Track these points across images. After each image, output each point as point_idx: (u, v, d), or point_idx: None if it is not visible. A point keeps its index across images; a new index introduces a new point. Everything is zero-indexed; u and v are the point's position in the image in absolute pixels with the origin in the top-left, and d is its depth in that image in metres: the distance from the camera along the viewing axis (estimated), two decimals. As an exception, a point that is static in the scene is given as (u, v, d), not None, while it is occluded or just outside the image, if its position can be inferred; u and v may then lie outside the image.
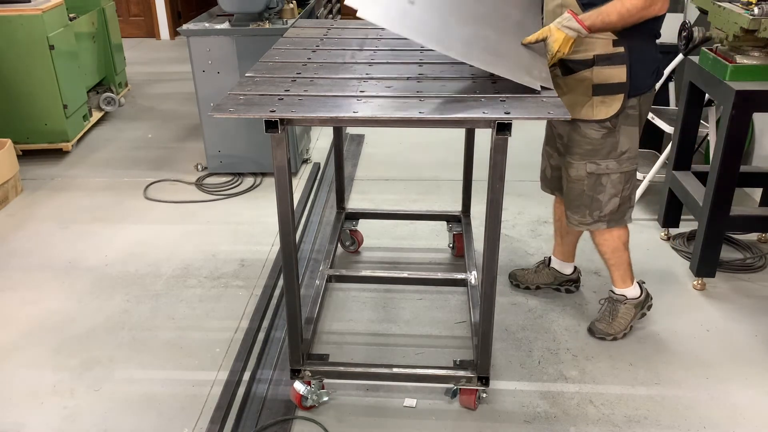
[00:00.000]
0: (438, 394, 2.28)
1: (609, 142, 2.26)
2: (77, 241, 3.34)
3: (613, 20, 2.03)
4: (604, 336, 2.55)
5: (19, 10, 3.95)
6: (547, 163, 2.63)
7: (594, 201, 2.36)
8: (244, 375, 2.39)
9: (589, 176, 2.33)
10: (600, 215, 2.38)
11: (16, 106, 4.15)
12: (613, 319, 2.56)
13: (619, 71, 2.15)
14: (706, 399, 2.28)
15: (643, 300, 2.59)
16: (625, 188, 2.35)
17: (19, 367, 2.47)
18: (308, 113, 1.75)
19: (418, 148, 4.48)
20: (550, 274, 2.86)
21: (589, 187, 2.35)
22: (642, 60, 2.17)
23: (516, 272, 2.93)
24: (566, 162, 2.39)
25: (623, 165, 2.31)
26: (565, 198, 2.47)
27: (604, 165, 2.30)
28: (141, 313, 2.77)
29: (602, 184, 2.33)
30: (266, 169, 4.03)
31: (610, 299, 2.59)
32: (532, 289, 2.87)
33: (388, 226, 3.42)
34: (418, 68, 2.13)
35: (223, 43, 3.63)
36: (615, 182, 2.32)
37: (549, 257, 2.88)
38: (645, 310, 2.60)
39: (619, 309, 2.56)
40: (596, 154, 2.29)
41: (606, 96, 2.19)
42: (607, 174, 2.31)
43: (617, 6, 2.02)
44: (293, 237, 1.96)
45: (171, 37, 8.07)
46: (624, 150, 2.28)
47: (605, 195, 2.34)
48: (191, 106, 5.21)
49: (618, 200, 2.35)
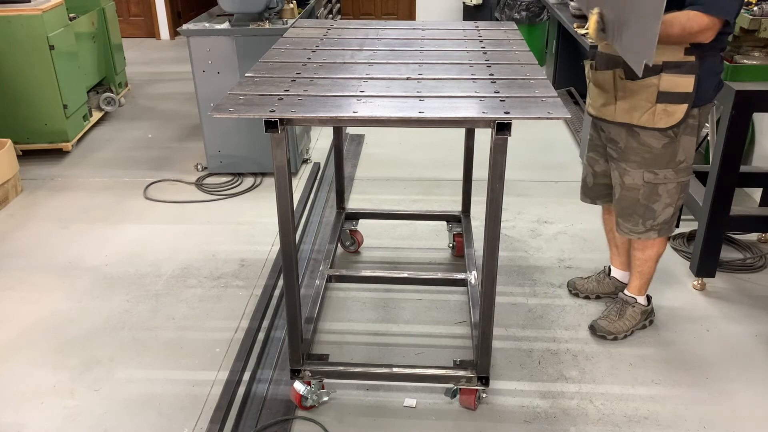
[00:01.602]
0: (438, 394, 2.28)
1: (669, 151, 2.21)
2: (77, 241, 3.35)
3: (675, 32, 1.97)
4: (605, 334, 2.54)
5: (19, 10, 3.95)
6: (590, 171, 2.56)
7: (648, 210, 2.31)
8: (244, 375, 2.39)
9: (645, 185, 2.28)
10: (653, 224, 2.34)
11: (16, 106, 4.15)
12: (619, 319, 2.55)
13: (687, 80, 2.08)
14: (706, 399, 2.28)
15: (649, 311, 2.61)
16: (680, 197, 2.31)
17: (19, 367, 2.47)
18: (308, 113, 1.75)
19: (418, 148, 4.49)
20: (611, 283, 2.80)
21: (645, 196, 2.30)
22: (710, 71, 2.12)
23: (575, 281, 2.87)
24: (621, 169, 2.32)
25: (680, 175, 2.26)
26: (615, 205, 2.41)
27: (662, 174, 2.25)
28: (141, 313, 2.77)
29: (658, 194, 2.28)
30: (266, 169, 4.03)
31: (620, 299, 2.59)
32: (592, 298, 2.82)
33: (388, 226, 3.42)
34: (418, 68, 2.13)
35: (223, 43, 3.63)
36: (671, 192, 2.28)
37: (608, 267, 2.83)
38: (647, 321, 2.61)
39: (627, 310, 2.56)
40: (655, 163, 2.23)
41: (669, 104, 2.12)
42: (665, 183, 2.26)
43: (682, 20, 1.96)
44: (293, 237, 1.97)
45: (171, 37, 8.08)
46: (682, 159, 2.23)
47: (660, 204, 2.30)
48: (191, 106, 5.22)
49: (672, 210, 2.32)
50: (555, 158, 4.32)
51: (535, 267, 3.06)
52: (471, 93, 1.88)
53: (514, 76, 2.04)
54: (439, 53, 2.33)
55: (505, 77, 2.02)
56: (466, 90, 1.92)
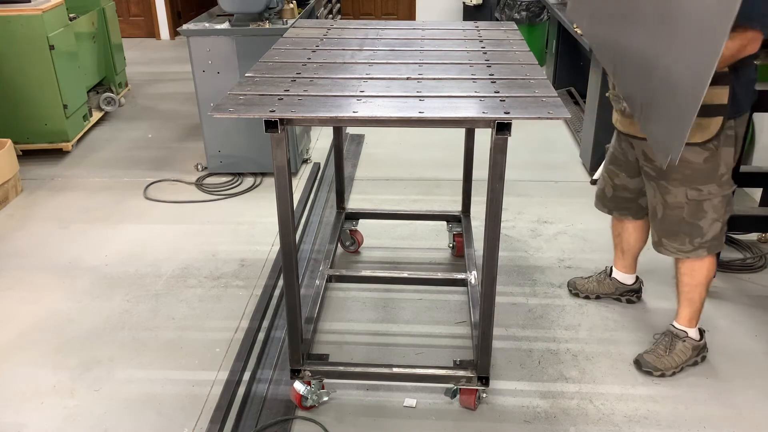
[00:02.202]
0: (438, 394, 2.28)
1: (710, 165, 2.13)
2: (77, 241, 3.34)
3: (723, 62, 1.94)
4: (651, 370, 2.36)
5: (19, 10, 3.96)
6: (609, 183, 2.52)
7: (694, 228, 2.21)
8: (244, 375, 2.39)
9: (689, 202, 2.19)
10: (701, 242, 2.23)
11: (16, 106, 4.15)
12: (667, 353, 2.38)
13: (722, 92, 2.01)
14: (706, 399, 2.28)
15: (702, 346, 2.43)
16: (727, 211, 2.22)
17: (19, 367, 2.47)
18: (308, 113, 1.75)
19: (418, 148, 4.49)
20: (611, 284, 2.77)
21: (690, 214, 2.20)
22: (744, 82, 2.06)
23: (576, 281, 2.85)
24: (662, 187, 2.24)
25: (724, 188, 2.17)
26: (658, 224, 2.31)
27: (706, 190, 2.16)
28: (141, 313, 2.77)
29: (704, 210, 2.18)
30: (266, 169, 4.03)
31: (669, 333, 2.42)
32: (592, 298, 2.79)
33: (388, 226, 3.42)
34: (418, 68, 2.13)
35: (223, 43, 3.63)
36: (717, 207, 2.18)
37: (610, 267, 2.79)
38: (699, 358, 2.42)
39: (677, 344, 2.38)
40: (697, 179, 2.15)
41: (704, 118, 2.04)
42: (709, 199, 2.17)
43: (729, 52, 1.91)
44: (293, 237, 1.97)
45: (171, 37, 8.08)
46: (724, 172, 2.15)
47: (707, 221, 2.20)
48: (191, 106, 5.22)
49: (720, 224, 2.22)
50: (555, 158, 4.32)
51: (535, 267, 3.06)
52: (471, 93, 1.89)
53: (514, 76, 2.04)
54: (439, 53, 2.33)
55: (505, 77, 2.02)
56: (466, 90, 1.92)
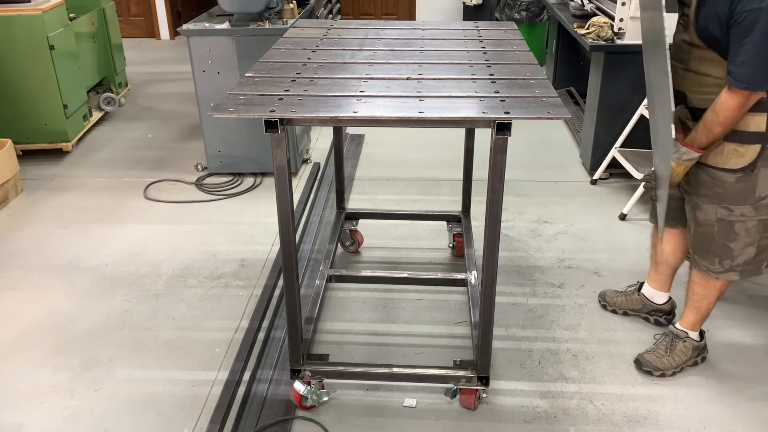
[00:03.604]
0: (438, 394, 2.28)
1: (744, 186, 2.01)
2: (77, 241, 3.34)
3: (719, 132, 1.95)
4: (651, 370, 2.36)
5: (19, 10, 3.95)
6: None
7: (725, 249, 2.10)
8: (244, 375, 2.39)
9: (719, 222, 2.08)
10: (732, 264, 2.12)
11: (16, 106, 4.15)
12: (667, 354, 2.36)
13: (759, 119, 1.94)
14: (706, 399, 2.28)
15: (702, 347, 2.41)
16: (764, 237, 2.08)
17: (19, 367, 2.47)
18: (308, 113, 1.75)
19: (418, 148, 4.48)
20: (639, 300, 2.65)
21: (720, 234, 2.09)
22: None
23: (606, 292, 2.75)
24: (693, 202, 2.15)
25: (761, 212, 2.04)
26: (691, 240, 2.23)
27: (738, 212, 2.04)
28: (141, 313, 2.77)
29: (735, 232, 2.07)
30: (266, 169, 4.03)
31: (670, 333, 2.40)
32: (619, 313, 2.68)
33: (388, 226, 3.42)
34: (418, 68, 2.13)
35: (223, 43, 3.63)
36: (751, 230, 2.06)
37: (642, 282, 2.67)
38: (699, 358, 2.42)
39: (678, 345, 2.36)
40: (729, 199, 2.04)
41: (741, 145, 1.97)
42: (742, 221, 2.05)
43: (714, 118, 1.93)
44: (293, 237, 1.96)
45: (171, 37, 8.07)
46: (763, 195, 2.01)
47: (738, 243, 2.08)
48: (191, 106, 5.22)
49: (754, 249, 2.09)
50: (555, 158, 4.32)
51: (535, 267, 3.06)
52: (471, 93, 1.88)
53: (514, 76, 2.04)
54: (439, 53, 2.33)
55: (505, 77, 2.02)
56: (466, 90, 1.92)
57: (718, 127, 1.95)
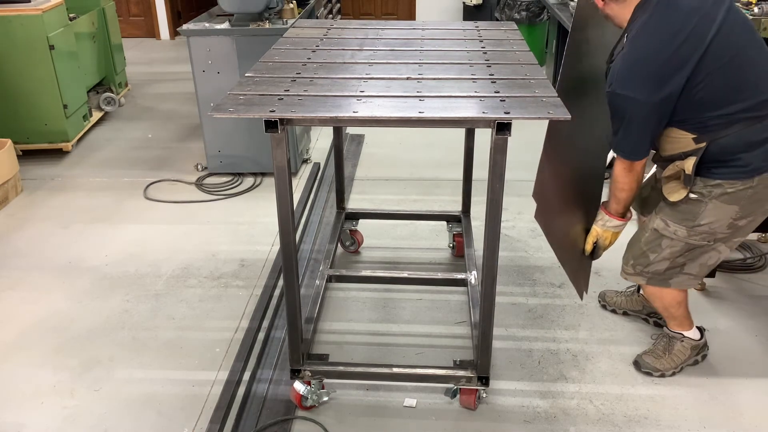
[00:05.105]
0: (438, 394, 2.28)
1: (690, 208, 2.05)
2: (77, 241, 3.34)
3: (624, 197, 2.14)
4: (650, 371, 2.36)
5: (19, 10, 3.95)
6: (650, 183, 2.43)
7: (643, 255, 2.19)
8: (244, 375, 2.39)
9: (652, 231, 2.15)
10: (642, 270, 2.21)
11: (16, 106, 4.15)
12: (666, 355, 2.37)
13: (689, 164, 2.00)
14: (706, 399, 2.28)
15: (701, 346, 2.41)
16: (684, 256, 2.13)
17: (19, 367, 2.47)
18: (308, 113, 1.75)
19: (418, 148, 4.48)
20: (639, 301, 2.66)
21: (646, 241, 2.17)
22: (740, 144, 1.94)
23: (606, 293, 2.77)
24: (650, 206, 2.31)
25: (693, 237, 2.07)
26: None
27: (672, 229, 2.09)
28: (141, 313, 2.77)
29: (661, 246, 2.14)
30: (266, 169, 4.03)
31: (666, 335, 2.40)
32: (619, 313, 2.69)
33: (388, 226, 3.42)
34: (418, 68, 2.13)
35: (223, 43, 3.63)
36: (674, 251, 2.12)
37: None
38: (699, 357, 2.41)
39: (675, 345, 2.37)
40: (670, 214, 2.10)
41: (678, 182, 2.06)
42: (670, 239, 2.11)
43: (615, 185, 2.14)
44: (293, 237, 1.97)
45: (171, 37, 8.08)
46: (702, 223, 2.04)
47: (657, 256, 2.16)
48: (191, 106, 5.21)
49: (667, 264, 2.16)
50: (555, 158, 4.31)
51: (535, 267, 3.06)
52: (471, 93, 1.89)
53: (514, 76, 2.04)
54: (439, 53, 2.33)
55: (505, 77, 2.02)
56: (466, 90, 1.92)
57: (620, 192, 2.14)
